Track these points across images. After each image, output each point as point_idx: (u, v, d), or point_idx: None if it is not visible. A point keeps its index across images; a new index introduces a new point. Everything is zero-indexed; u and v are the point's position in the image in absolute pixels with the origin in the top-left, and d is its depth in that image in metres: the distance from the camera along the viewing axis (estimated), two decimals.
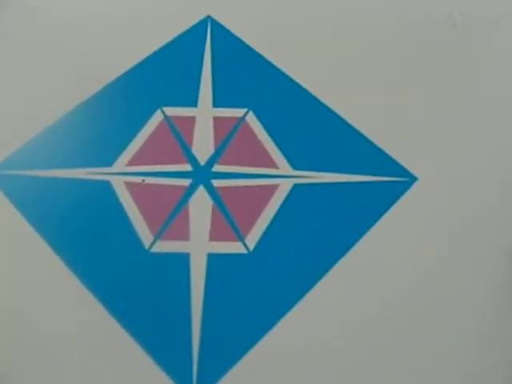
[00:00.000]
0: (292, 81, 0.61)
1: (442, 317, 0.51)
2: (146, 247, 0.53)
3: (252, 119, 0.59)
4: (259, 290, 0.52)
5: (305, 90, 0.60)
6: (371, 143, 0.58)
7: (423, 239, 0.54)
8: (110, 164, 0.57)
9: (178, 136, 0.58)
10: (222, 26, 0.64)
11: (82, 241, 0.53)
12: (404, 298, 0.52)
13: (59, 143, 0.58)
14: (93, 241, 0.53)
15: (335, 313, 0.51)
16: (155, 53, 0.62)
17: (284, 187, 0.56)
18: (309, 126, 0.59)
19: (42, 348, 0.50)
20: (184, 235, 0.54)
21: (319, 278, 0.52)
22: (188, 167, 0.57)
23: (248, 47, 0.62)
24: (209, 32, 0.63)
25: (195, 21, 0.64)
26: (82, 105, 0.59)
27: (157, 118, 0.59)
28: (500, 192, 0.56)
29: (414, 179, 0.56)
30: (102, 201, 0.55)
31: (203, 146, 0.58)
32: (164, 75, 0.61)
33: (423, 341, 0.50)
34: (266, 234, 0.54)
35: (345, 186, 0.56)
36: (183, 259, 0.53)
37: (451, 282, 0.52)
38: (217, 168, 0.57)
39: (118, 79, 0.61)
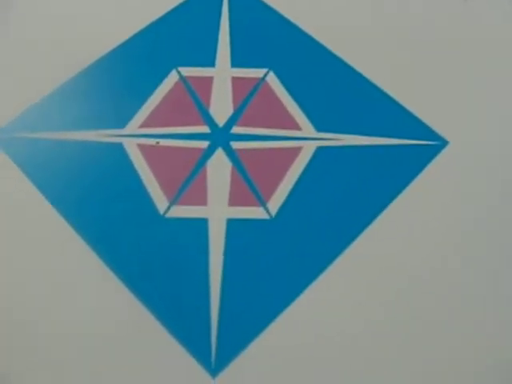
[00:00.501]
0: (313, 40, 0.58)
1: (472, 289, 0.49)
2: (161, 212, 0.50)
3: (272, 79, 0.56)
4: (282, 258, 0.49)
5: (327, 50, 0.57)
6: (399, 105, 0.55)
7: (455, 204, 0.51)
8: (122, 126, 0.54)
9: (195, 97, 0.55)
10: None
11: (93, 206, 0.51)
12: (435, 264, 0.49)
13: (69, 104, 0.55)
14: (104, 206, 0.51)
15: (363, 282, 0.48)
16: (170, 11, 0.60)
17: (307, 150, 0.53)
18: (332, 86, 0.56)
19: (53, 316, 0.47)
20: (201, 200, 0.51)
21: (346, 245, 0.49)
22: (205, 129, 0.54)
23: (266, 5, 0.60)
24: None
25: None
26: (93, 64, 0.57)
27: (172, 79, 0.56)
28: None
29: (444, 143, 0.54)
30: (113, 164, 0.52)
31: (221, 107, 0.55)
32: (180, 34, 0.59)
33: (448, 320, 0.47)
34: (288, 199, 0.51)
35: (371, 150, 0.53)
36: (201, 225, 0.50)
37: (485, 247, 0.50)
38: (236, 130, 0.54)
39: (132, 38, 0.58)
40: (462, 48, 0.59)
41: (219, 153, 0.53)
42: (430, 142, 0.54)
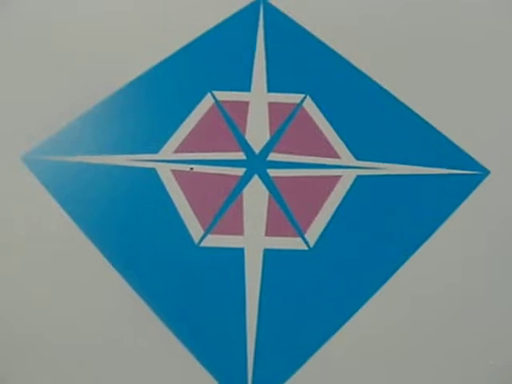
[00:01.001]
0: (351, 65, 0.58)
1: None
2: (196, 241, 0.50)
3: (310, 105, 0.56)
4: (320, 291, 0.48)
5: (365, 76, 0.57)
6: (439, 133, 0.55)
7: (497, 235, 0.51)
8: (156, 151, 0.53)
9: (230, 122, 0.55)
10: (274, 8, 0.61)
11: (125, 234, 0.50)
12: (476, 295, 0.49)
13: (101, 128, 0.55)
14: (137, 234, 0.50)
15: (405, 314, 0.48)
16: (205, 34, 0.59)
17: (346, 179, 0.52)
18: (371, 113, 0.56)
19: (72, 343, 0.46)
20: (237, 229, 0.50)
21: (387, 277, 0.49)
22: (241, 155, 0.54)
23: (303, 29, 0.60)
24: (261, 13, 0.61)
25: (247, 2, 0.61)
26: (127, 87, 0.57)
27: (207, 103, 0.56)
28: None
29: (486, 172, 0.53)
30: (147, 190, 0.52)
31: (258, 132, 0.55)
32: (215, 57, 0.58)
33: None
34: (327, 229, 0.50)
35: (412, 179, 0.53)
36: (237, 255, 0.49)
37: None
38: (273, 156, 0.54)
39: (167, 60, 0.58)
40: (501, 74, 0.59)
41: (255, 180, 0.52)
42: (471, 172, 0.53)
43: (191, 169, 0.53)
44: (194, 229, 0.50)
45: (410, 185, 0.52)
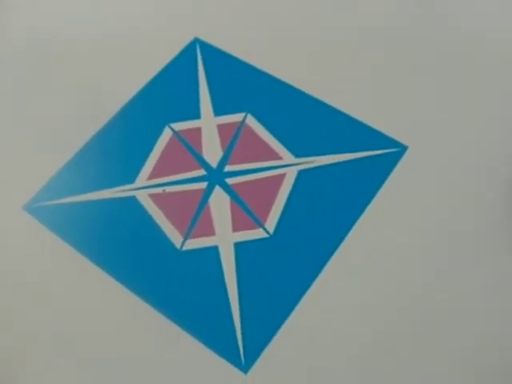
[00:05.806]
0: (278, 80, 0.66)
1: (453, 288, 0.53)
2: (178, 247, 0.56)
3: (251, 121, 0.63)
4: (285, 267, 0.55)
5: (292, 87, 0.65)
6: (359, 122, 0.62)
7: (423, 204, 0.58)
8: (132, 181, 0.61)
9: (189, 146, 0.62)
10: (209, 45, 0.69)
11: (120, 251, 0.57)
12: (411, 262, 0.55)
13: (84, 170, 0.61)
14: (130, 249, 0.57)
15: (354, 281, 0.54)
16: (153, 79, 0.66)
17: (290, 175, 0.60)
18: (301, 117, 0.63)
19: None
20: (210, 231, 0.57)
21: (335, 248, 0.56)
22: (202, 172, 0.61)
23: (236, 59, 0.67)
24: (198, 52, 0.68)
25: (184, 44, 0.69)
26: (98, 134, 0.64)
27: (167, 134, 0.63)
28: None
29: (404, 148, 0.61)
30: (131, 214, 0.59)
31: (212, 151, 0.62)
32: (166, 97, 0.65)
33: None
34: (282, 218, 0.57)
35: (342, 165, 0.60)
36: (213, 252, 0.55)
37: (456, 246, 0.55)
38: (228, 168, 0.61)
39: (126, 106, 0.65)
40: (403, 51, 0.67)
41: (217, 190, 0.59)
42: (391, 150, 0.61)
43: (164, 190, 0.59)
44: (175, 237, 0.57)
45: (340, 170, 0.60)
